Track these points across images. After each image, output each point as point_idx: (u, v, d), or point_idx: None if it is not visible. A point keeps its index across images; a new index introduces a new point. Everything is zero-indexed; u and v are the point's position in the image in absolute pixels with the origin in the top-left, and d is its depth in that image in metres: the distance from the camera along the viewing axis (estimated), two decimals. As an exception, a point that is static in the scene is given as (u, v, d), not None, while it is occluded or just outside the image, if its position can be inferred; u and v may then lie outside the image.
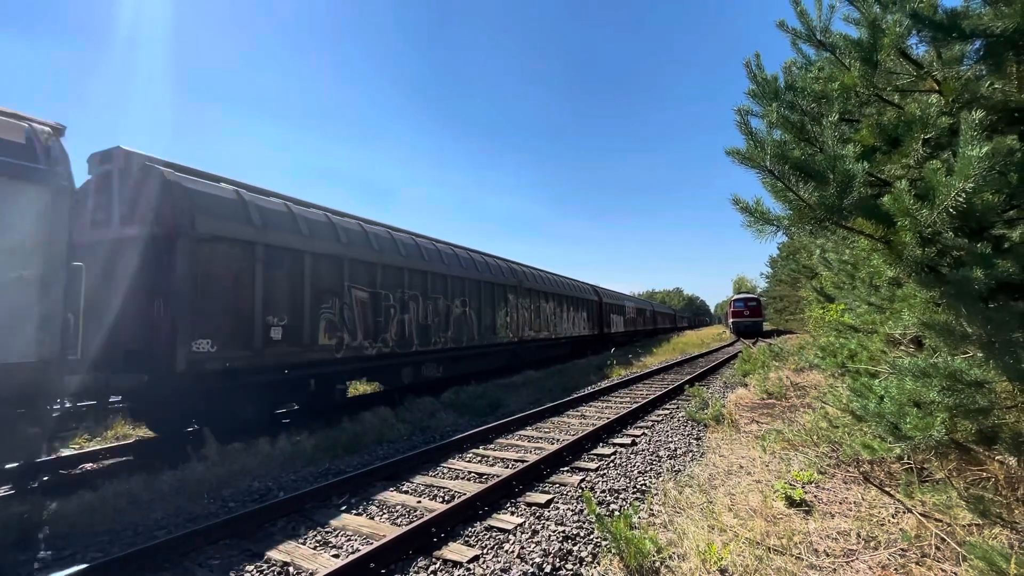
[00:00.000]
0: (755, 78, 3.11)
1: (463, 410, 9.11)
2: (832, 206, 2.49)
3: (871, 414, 2.84)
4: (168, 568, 3.44)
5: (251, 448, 6.18)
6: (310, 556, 3.53)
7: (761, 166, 2.61)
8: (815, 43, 3.20)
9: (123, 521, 4.32)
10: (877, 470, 4.28)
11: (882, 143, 3.00)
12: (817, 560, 3.04)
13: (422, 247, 11.11)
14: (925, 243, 2.34)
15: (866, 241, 2.74)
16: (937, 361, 2.46)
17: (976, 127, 2.02)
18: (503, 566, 3.31)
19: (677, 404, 9.21)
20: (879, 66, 2.83)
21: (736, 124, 2.71)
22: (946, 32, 2.62)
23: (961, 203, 2.08)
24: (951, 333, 2.46)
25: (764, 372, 10.95)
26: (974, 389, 2.37)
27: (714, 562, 3.00)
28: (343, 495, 4.78)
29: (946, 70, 2.80)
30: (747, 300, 36.24)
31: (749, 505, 3.90)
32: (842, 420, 4.51)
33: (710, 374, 13.92)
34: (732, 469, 5.00)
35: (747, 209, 2.79)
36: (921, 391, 2.52)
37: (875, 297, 4.21)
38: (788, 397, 8.46)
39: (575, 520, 4.03)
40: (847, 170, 2.40)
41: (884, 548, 3.09)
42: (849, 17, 3.09)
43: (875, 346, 4.24)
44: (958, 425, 2.71)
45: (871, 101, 3.07)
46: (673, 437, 6.74)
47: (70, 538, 4.01)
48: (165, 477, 5.17)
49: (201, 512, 4.52)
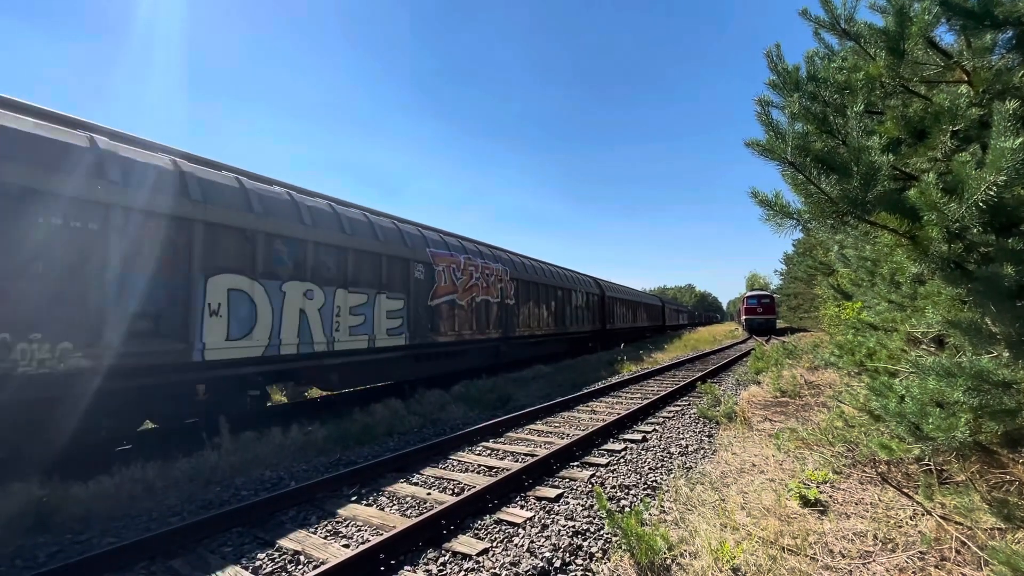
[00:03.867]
0: (776, 68, 3.02)
1: (473, 403, 9.13)
2: (855, 200, 2.42)
3: (891, 414, 2.77)
4: (182, 554, 3.49)
5: (264, 437, 6.25)
6: (320, 545, 3.56)
7: (782, 158, 2.55)
8: (839, 32, 3.10)
9: (138, 507, 4.40)
10: (895, 471, 4.20)
11: (907, 135, 2.91)
12: (832, 561, 2.99)
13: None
14: (952, 239, 2.26)
15: (889, 236, 2.65)
16: (962, 360, 2.39)
17: (1009, 118, 1.94)
18: (512, 559, 3.30)
19: (688, 401, 9.13)
20: (906, 56, 2.74)
21: (756, 115, 2.65)
22: (978, 20, 2.52)
23: (992, 197, 2.00)
24: (978, 332, 2.38)
25: (777, 370, 10.81)
26: (1001, 390, 2.29)
27: (726, 561, 2.96)
28: (353, 485, 4.82)
29: (976, 60, 2.70)
30: (760, 297, 35.79)
31: (762, 504, 3.85)
32: (859, 420, 4.43)
33: (722, 371, 13.78)
34: (745, 467, 4.94)
35: (766, 202, 2.73)
36: (945, 391, 2.44)
37: (896, 294, 4.11)
38: (802, 396, 8.34)
39: (585, 515, 4.01)
40: (872, 162, 2.33)
41: (902, 550, 3.02)
42: (875, 5, 3.00)
43: (895, 344, 4.15)
44: (983, 426, 2.63)
45: (896, 92, 2.97)
46: (684, 434, 6.69)
47: (87, 522, 4.09)
48: (179, 465, 5.24)
49: (214, 500, 4.59)
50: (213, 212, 6.29)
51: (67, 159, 5.01)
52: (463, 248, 12.44)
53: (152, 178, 5.78)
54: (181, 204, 5.96)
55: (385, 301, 9.10)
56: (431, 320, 10.42)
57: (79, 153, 5.16)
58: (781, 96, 2.96)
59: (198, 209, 6.12)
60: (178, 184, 6.06)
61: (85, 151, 5.22)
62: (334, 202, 9.17)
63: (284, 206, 7.51)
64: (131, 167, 5.62)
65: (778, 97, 2.98)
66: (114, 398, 5.26)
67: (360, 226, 8.94)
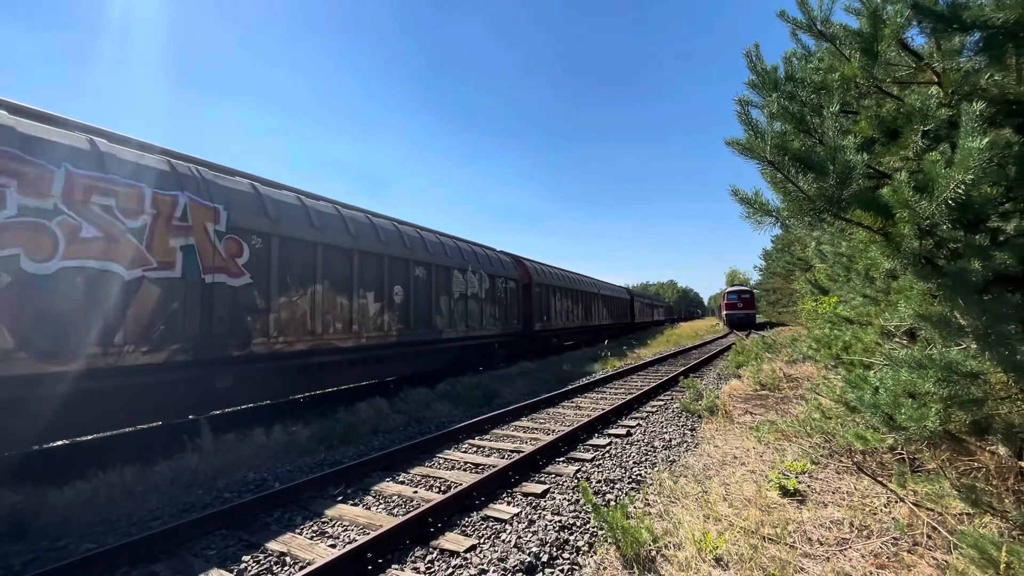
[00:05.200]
0: (755, 68, 3.08)
1: (458, 401, 9.12)
2: (832, 197, 2.49)
3: (866, 405, 2.85)
4: (164, 559, 3.43)
5: (246, 439, 6.17)
6: (307, 546, 3.53)
7: (761, 157, 2.60)
8: (815, 33, 3.17)
9: (118, 512, 4.31)
10: (870, 460, 4.34)
11: (881, 135, 2.99)
12: (811, 549, 3.08)
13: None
14: (923, 235, 2.35)
15: (864, 233, 2.74)
16: (933, 353, 2.48)
17: (976, 118, 2.02)
18: (500, 555, 3.33)
19: (671, 395, 9.27)
20: (879, 57, 2.82)
21: (736, 114, 2.70)
22: (947, 23, 2.60)
23: (960, 195, 2.08)
24: (947, 325, 2.47)
25: (757, 364, 11.03)
26: (969, 380, 2.38)
27: (709, 551, 3.03)
28: (339, 485, 4.79)
29: (946, 62, 2.79)
30: (740, 292, 36.41)
31: (744, 495, 3.94)
32: (835, 411, 4.55)
33: (704, 366, 14.01)
34: (726, 459, 5.04)
35: (746, 200, 2.78)
36: (917, 382, 2.53)
37: (870, 289, 4.23)
38: (781, 388, 8.53)
39: (571, 510, 4.06)
40: (847, 161, 2.40)
41: (877, 537, 3.13)
42: (850, 7, 3.07)
43: (869, 338, 4.27)
44: (952, 416, 2.73)
45: (870, 92, 3.06)
46: (668, 428, 6.79)
47: (64, 528, 3.99)
48: (159, 468, 5.15)
49: (196, 503, 4.52)
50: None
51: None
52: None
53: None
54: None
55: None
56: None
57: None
58: (760, 96, 3.03)
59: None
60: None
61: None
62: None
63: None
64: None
65: (758, 97, 3.05)
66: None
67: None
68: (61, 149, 4.93)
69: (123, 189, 5.38)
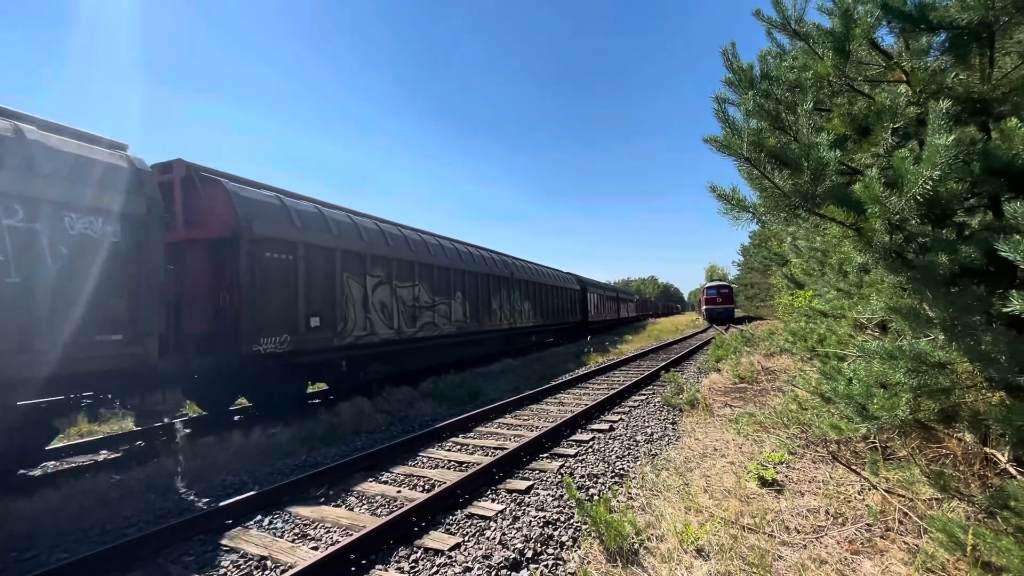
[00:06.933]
0: (731, 66, 3.12)
1: (441, 399, 9.09)
2: (806, 193, 2.54)
3: (840, 395, 2.93)
4: (140, 567, 3.35)
5: (224, 442, 6.05)
6: (288, 549, 3.48)
7: (738, 154, 2.64)
8: (789, 32, 3.23)
9: (90, 520, 4.18)
10: (844, 450, 4.45)
11: (853, 132, 3.06)
12: (788, 537, 3.15)
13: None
14: (893, 230, 2.41)
15: (837, 228, 2.80)
16: (903, 344, 2.55)
17: (943, 116, 2.08)
18: (485, 552, 3.33)
19: (653, 390, 9.38)
20: (851, 56, 2.89)
21: (714, 112, 2.74)
22: (915, 23, 2.68)
23: (928, 191, 2.14)
24: (916, 317, 2.55)
25: (736, 357, 11.24)
26: (937, 370, 2.46)
27: (691, 542, 3.08)
28: (321, 487, 4.73)
29: (914, 61, 2.87)
30: (719, 287, 37.03)
31: (724, 486, 4.01)
32: (811, 402, 4.66)
33: (684, 360, 14.21)
34: (707, 452, 5.12)
35: (724, 196, 2.82)
36: (888, 373, 2.60)
37: (844, 283, 4.34)
38: (759, 381, 8.71)
39: (555, 505, 4.08)
40: (820, 158, 2.45)
41: (851, 524, 3.22)
42: (823, 7, 3.13)
43: (843, 330, 4.38)
44: (921, 405, 2.82)
45: (843, 91, 3.12)
46: (650, 422, 6.87)
47: (34, 539, 3.86)
48: (134, 474, 5.01)
49: (173, 508, 4.41)
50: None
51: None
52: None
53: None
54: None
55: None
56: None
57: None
58: (737, 93, 3.07)
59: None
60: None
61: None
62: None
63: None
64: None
65: (734, 95, 3.09)
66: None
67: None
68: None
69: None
